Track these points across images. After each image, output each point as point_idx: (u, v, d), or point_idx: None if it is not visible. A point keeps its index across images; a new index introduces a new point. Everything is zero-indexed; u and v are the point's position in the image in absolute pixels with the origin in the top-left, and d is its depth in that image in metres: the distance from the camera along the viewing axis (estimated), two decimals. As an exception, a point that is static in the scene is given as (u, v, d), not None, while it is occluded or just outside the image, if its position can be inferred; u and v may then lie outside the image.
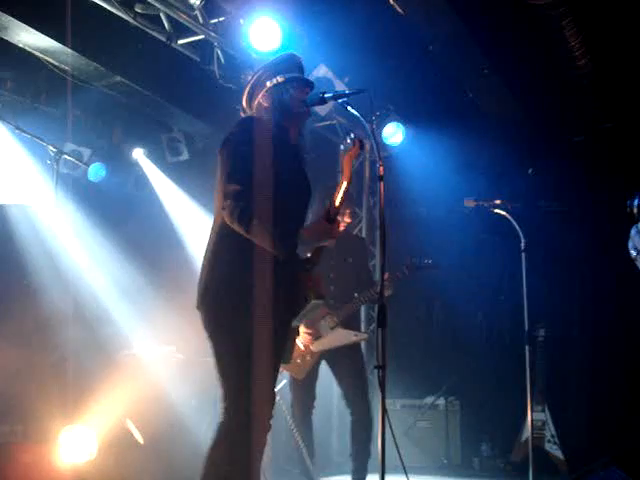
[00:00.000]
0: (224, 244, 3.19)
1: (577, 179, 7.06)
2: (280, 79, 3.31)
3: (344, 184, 3.22)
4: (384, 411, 2.95)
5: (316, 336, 4.83)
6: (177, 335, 5.75)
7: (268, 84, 3.32)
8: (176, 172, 7.15)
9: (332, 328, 4.81)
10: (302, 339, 4.81)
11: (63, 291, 5.28)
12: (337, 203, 3.20)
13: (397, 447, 3.19)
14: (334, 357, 4.87)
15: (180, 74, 5.75)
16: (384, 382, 2.98)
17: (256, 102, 3.35)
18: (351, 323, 4.92)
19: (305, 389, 4.90)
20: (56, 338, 5.18)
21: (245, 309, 3.05)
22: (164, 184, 7.19)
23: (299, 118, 3.36)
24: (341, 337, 4.83)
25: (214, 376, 3.12)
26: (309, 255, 3.25)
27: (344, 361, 4.86)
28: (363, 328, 6.94)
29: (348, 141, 3.29)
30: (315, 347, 4.83)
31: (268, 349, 3.04)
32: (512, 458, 6.43)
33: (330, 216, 3.18)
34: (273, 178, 3.09)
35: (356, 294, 4.92)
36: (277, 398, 3.22)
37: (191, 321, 3.30)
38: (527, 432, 5.68)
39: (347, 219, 4.98)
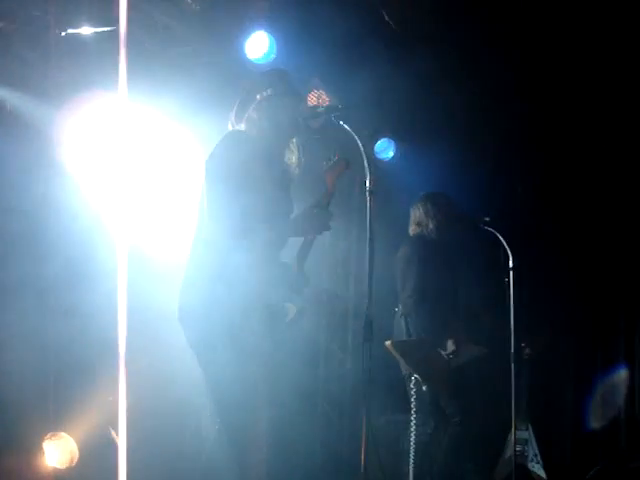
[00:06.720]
0: (206, 256, 3.19)
1: (568, 198, 7.09)
2: (270, 92, 3.33)
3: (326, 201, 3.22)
4: (369, 426, 2.94)
5: (452, 352, 5.07)
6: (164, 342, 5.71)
7: (258, 97, 3.33)
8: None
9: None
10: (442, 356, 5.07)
11: (51, 294, 5.25)
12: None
13: (380, 462, 3.19)
14: (462, 370, 5.12)
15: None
16: (369, 397, 2.99)
17: (246, 116, 3.36)
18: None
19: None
20: (39, 342, 5.14)
21: (227, 325, 3.05)
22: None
23: (289, 131, 3.37)
24: (470, 352, 5.10)
25: (198, 387, 3.10)
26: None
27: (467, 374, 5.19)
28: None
29: (335, 159, 3.28)
30: (451, 363, 5.08)
31: (255, 365, 3.03)
32: (495, 476, 6.41)
33: (323, 204, 3.16)
34: (252, 192, 3.10)
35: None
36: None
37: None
38: (510, 450, 5.68)
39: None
